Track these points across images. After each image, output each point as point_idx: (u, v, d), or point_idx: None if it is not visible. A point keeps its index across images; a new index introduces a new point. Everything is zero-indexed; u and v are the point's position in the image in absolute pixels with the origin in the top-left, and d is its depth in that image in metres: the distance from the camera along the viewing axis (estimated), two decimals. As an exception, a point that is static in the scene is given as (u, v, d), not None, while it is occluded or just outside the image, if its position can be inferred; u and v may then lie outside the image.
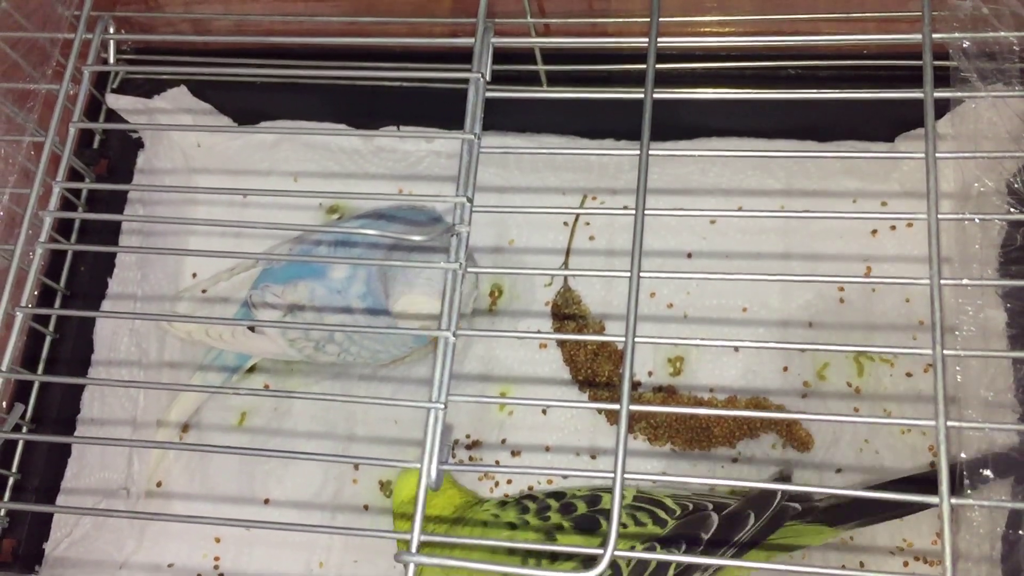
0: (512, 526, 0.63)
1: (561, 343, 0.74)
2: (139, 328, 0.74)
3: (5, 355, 0.48)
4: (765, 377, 0.72)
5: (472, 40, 0.51)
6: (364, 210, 0.77)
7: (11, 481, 0.69)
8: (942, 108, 0.64)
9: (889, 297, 0.72)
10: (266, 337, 0.72)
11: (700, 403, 0.72)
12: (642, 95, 0.49)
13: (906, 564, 0.66)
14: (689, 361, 0.73)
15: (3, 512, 0.68)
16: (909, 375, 0.70)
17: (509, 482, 0.72)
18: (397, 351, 0.72)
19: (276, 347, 0.72)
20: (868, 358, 0.71)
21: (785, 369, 0.72)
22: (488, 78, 0.51)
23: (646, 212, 0.47)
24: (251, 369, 0.77)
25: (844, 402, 0.70)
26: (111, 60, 0.55)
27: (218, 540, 0.73)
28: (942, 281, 0.42)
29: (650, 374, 0.73)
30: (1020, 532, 0.48)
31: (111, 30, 0.54)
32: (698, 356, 0.73)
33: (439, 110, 0.75)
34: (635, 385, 0.73)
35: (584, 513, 0.62)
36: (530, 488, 0.71)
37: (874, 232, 0.74)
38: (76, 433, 0.71)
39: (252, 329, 0.72)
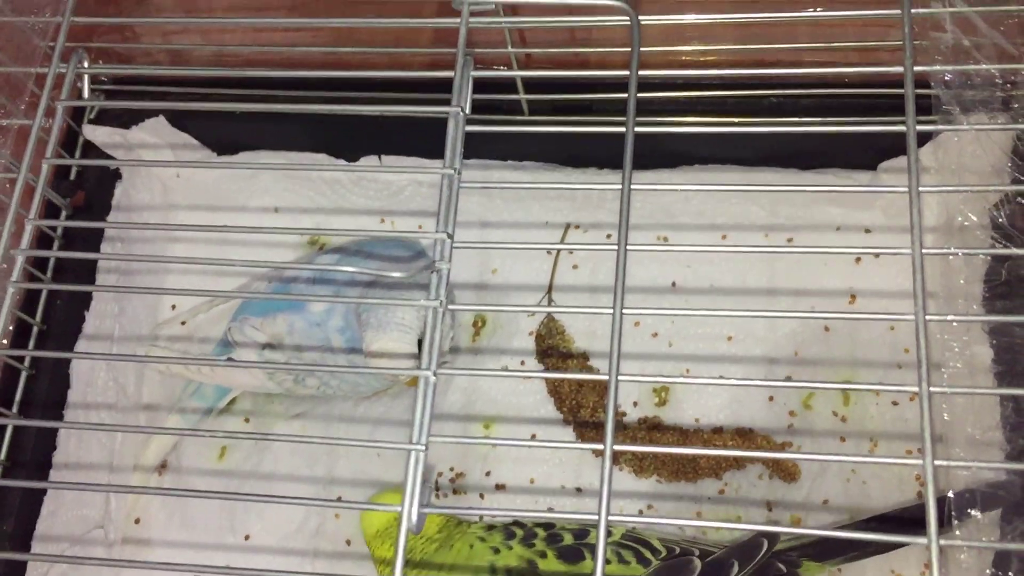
0: (495, 551, 0.62)
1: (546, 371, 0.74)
2: (117, 363, 0.73)
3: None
4: (751, 407, 0.71)
5: (452, 73, 0.51)
6: (344, 242, 0.76)
7: (-16, 521, 0.68)
8: (924, 136, 0.64)
9: (875, 325, 0.72)
10: (245, 371, 0.71)
11: (686, 434, 0.71)
12: (623, 129, 0.49)
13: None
14: (674, 391, 0.73)
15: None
16: (895, 404, 0.70)
17: (493, 517, 0.71)
18: (378, 384, 0.72)
19: (255, 380, 0.71)
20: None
21: (771, 399, 0.71)
22: (468, 111, 0.51)
23: (629, 247, 0.46)
24: (231, 402, 0.76)
25: (830, 431, 0.69)
26: (86, 93, 0.54)
27: (198, 578, 0.71)
28: (927, 317, 0.42)
29: (635, 404, 0.73)
30: (1010, 573, 0.48)
31: (86, 63, 0.53)
32: (683, 387, 0.73)
33: (421, 139, 0.74)
34: (620, 416, 0.72)
35: (570, 545, 0.61)
36: (515, 522, 0.70)
37: (858, 260, 0.74)
38: (52, 474, 0.69)
39: (231, 360, 0.71)
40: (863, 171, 0.73)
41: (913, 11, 0.47)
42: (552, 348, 0.74)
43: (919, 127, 0.44)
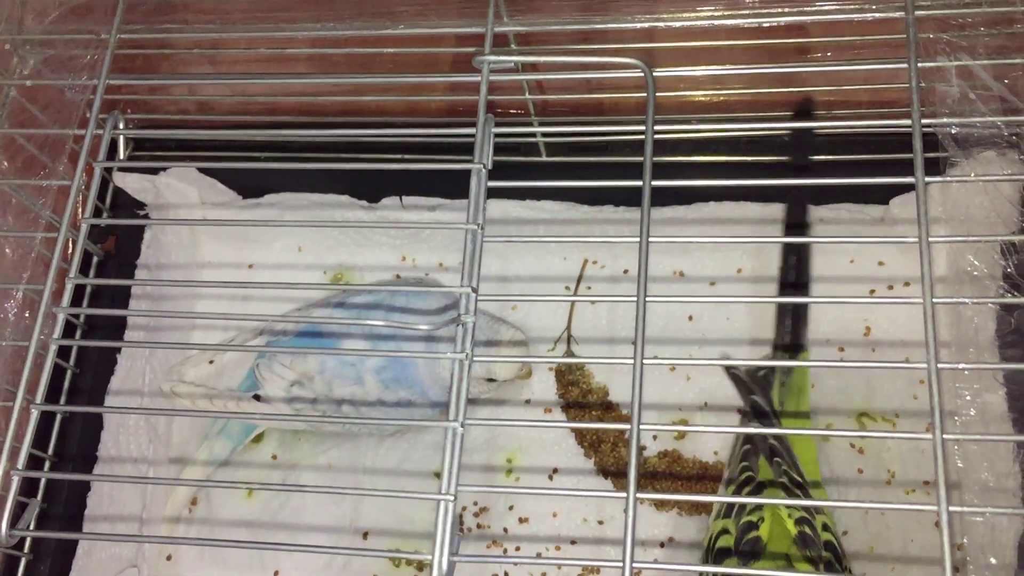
0: None
1: (566, 409, 0.75)
2: (147, 399, 0.75)
3: (21, 451, 0.49)
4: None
5: (472, 131, 0.52)
6: (369, 289, 0.78)
7: (23, 563, 0.70)
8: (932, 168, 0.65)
9: (890, 352, 0.73)
10: (271, 406, 0.72)
11: (705, 466, 0.72)
12: (640, 183, 0.50)
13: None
14: (693, 424, 0.74)
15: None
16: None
17: (518, 549, 0.72)
18: (403, 424, 0.73)
19: (282, 417, 0.73)
20: (870, 418, 0.71)
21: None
22: (489, 167, 0.52)
23: (648, 299, 0.48)
24: (258, 439, 0.77)
25: (847, 462, 0.71)
26: (121, 154, 0.56)
27: (228, 614, 0.73)
28: (939, 365, 0.43)
29: (655, 438, 0.74)
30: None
31: (121, 124, 0.55)
32: (702, 419, 0.74)
33: (441, 180, 0.76)
34: (640, 450, 0.73)
35: None
36: (538, 555, 0.72)
37: (872, 291, 0.75)
38: (87, 515, 0.71)
39: (258, 398, 0.73)
40: (875, 205, 0.74)
41: (920, 64, 0.49)
42: (572, 383, 0.75)
43: (928, 179, 0.46)
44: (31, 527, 0.67)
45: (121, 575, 0.71)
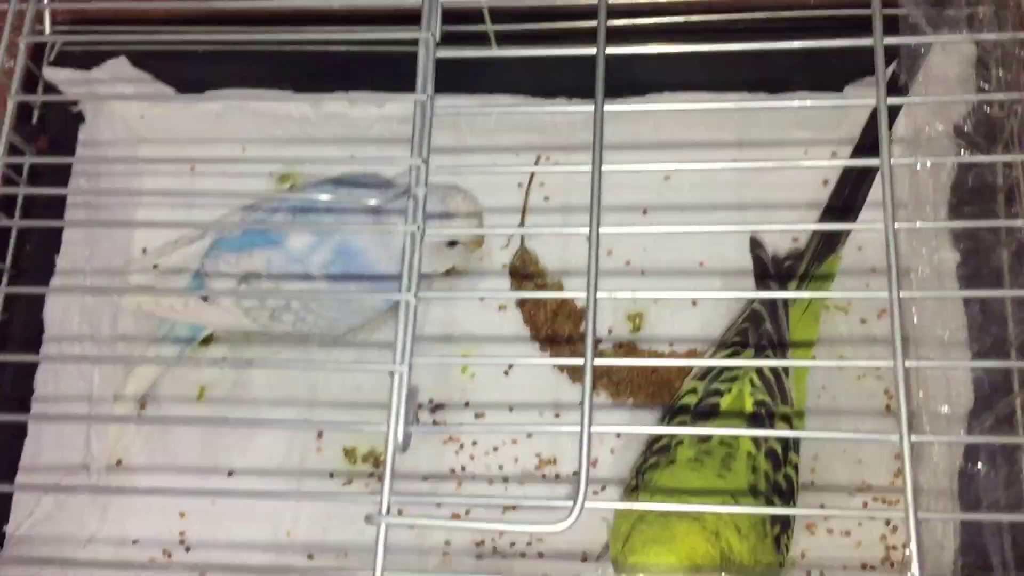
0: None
1: (521, 303, 0.74)
2: (89, 305, 0.73)
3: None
4: (723, 327, 0.72)
5: (419, 1, 0.50)
6: (317, 179, 0.76)
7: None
8: (892, 55, 0.65)
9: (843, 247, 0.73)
10: (220, 307, 0.71)
11: (661, 357, 0.72)
12: (594, 51, 0.49)
13: (865, 505, 0.67)
14: (648, 317, 0.74)
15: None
16: (864, 321, 0.72)
17: (475, 443, 0.72)
18: (354, 320, 0.72)
19: (231, 317, 0.71)
20: (824, 306, 0.72)
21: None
22: (438, 38, 0.50)
23: (604, 167, 0.47)
24: (207, 341, 0.76)
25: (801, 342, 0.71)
26: (47, 31, 0.53)
27: (183, 515, 0.72)
28: (896, 225, 0.43)
29: (610, 331, 0.74)
30: (977, 466, 0.50)
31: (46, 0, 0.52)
32: (657, 312, 0.74)
33: (387, 76, 0.73)
34: (596, 342, 0.73)
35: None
36: (495, 448, 0.72)
37: (825, 182, 0.75)
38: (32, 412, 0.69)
39: (205, 299, 0.71)
40: (830, 92, 0.73)
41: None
42: (527, 277, 0.75)
43: (887, 40, 0.45)
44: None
45: (70, 477, 0.69)
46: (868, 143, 0.69)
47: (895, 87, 0.61)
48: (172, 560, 0.71)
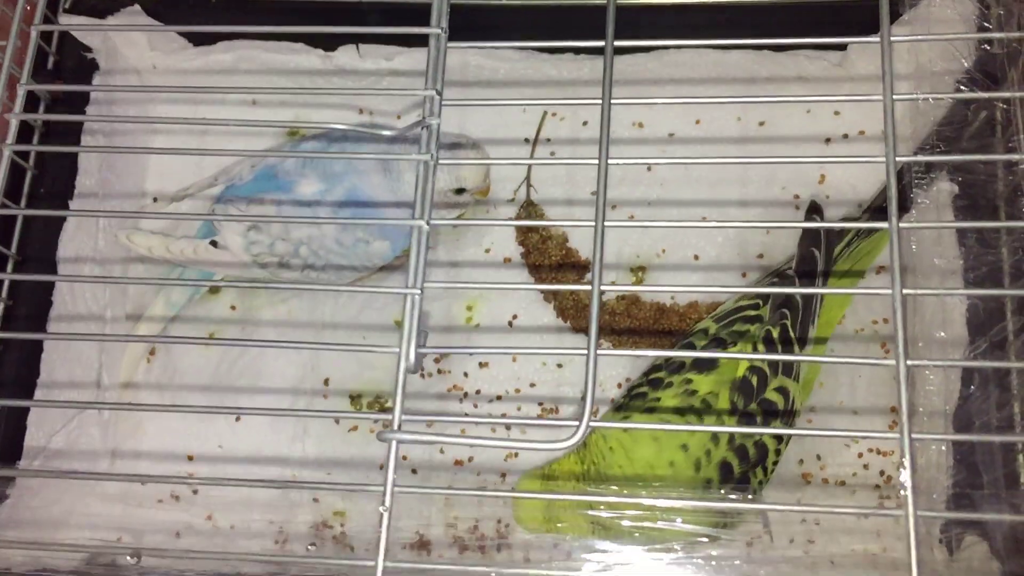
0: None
1: (525, 254, 0.76)
2: (103, 250, 0.74)
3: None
4: (724, 283, 0.74)
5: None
6: (323, 129, 0.77)
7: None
8: (896, 12, 0.66)
9: (846, 172, 0.74)
10: (229, 253, 0.72)
11: (663, 309, 0.74)
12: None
13: (860, 456, 0.69)
14: (651, 271, 0.75)
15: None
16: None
17: (478, 392, 0.74)
18: (360, 266, 0.73)
19: (239, 263, 0.72)
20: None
21: (744, 275, 0.74)
22: (447, 31, 0.51)
23: (612, 102, 0.48)
24: (215, 290, 0.77)
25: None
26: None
27: (191, 458, 0.73)
28: (897, 158, 0.44)
29: (613, 283, 0.75)
30: (970, 389, 0.51)
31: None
32: (659, 266, 0.75)
33: (397, 32, 0.74)
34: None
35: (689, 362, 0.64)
36: (498, 397, 0.73)
37: (828, 140, 0.76)
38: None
39: (215, 244, 0.72)
40: (833, 51, 0.74)
41: None
42: (531, 230, 0.76)
43: (893, 38, 0.46)
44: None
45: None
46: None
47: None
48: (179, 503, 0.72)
